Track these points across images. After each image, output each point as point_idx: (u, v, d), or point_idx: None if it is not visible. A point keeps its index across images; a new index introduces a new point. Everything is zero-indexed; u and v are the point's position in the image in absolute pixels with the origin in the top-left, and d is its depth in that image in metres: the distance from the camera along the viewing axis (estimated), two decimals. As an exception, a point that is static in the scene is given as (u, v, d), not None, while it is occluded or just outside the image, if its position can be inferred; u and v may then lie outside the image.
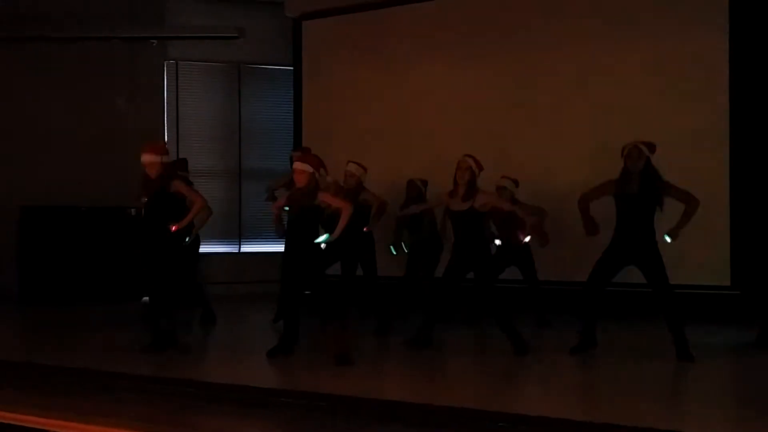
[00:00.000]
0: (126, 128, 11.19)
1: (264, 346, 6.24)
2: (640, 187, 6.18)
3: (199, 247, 8.51)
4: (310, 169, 6.15)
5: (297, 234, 6.22)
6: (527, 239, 7.85)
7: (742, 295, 8.12)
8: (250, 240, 11.71)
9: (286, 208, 6.45)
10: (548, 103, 9.17)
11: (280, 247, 11.19)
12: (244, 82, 11.76)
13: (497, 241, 7.86)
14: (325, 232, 6.25)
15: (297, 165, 6.24)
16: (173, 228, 6.47)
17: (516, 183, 8.09)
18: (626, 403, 4.69)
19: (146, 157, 6.53)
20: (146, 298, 6.87)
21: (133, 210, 10.78)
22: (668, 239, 6.17)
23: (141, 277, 6.84)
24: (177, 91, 11.56)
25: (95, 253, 10.38)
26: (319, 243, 6.16)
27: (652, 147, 6.32)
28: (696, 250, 8.38)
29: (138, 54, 11.25)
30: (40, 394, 5.05)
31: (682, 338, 5.93)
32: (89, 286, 10.25)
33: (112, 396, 5.06)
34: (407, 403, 4.52)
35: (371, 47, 10.33)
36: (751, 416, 4.41)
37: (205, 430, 4.09)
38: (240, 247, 11.69)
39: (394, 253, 8.02)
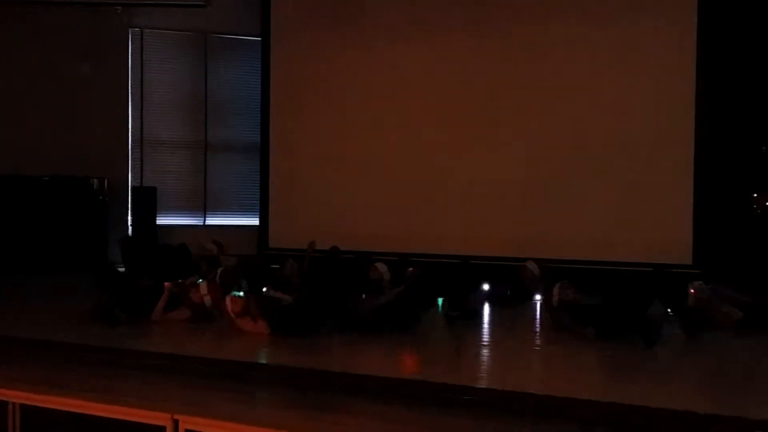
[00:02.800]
0: (89, 97, 10.99)
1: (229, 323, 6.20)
2: None
3: None
4: None
5: None
6: None
7: (704, 275, 8.23)
8: (215, 213, 11.61)
9: None
10: (528, 78, 9.12)
11: (244, 220, 11.30)
12: (210, 51, 11.57)
13: None
14: None
15: None
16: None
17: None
18: (588, 378, 4.77)
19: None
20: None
21: (95, 180, 10.63)
22: None
23: None
24: (142, 60, 11.35)
25: (56, 222, 10.22)
26: None
27: None
28: (658, 229, 8.50)
29: (102, 21, 11.01)
30: (3, 365, 4.96)
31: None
32: (50, 256, 10.09)
33: (79, 367, 5.00)
34: (379, 377, 4.52)
35: (341, 18, 10.20)
36: (702, 392, 4.51)
37: (181, 402, 4.06)
38: (205, 220, 11.58)
39: None
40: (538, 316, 7.12)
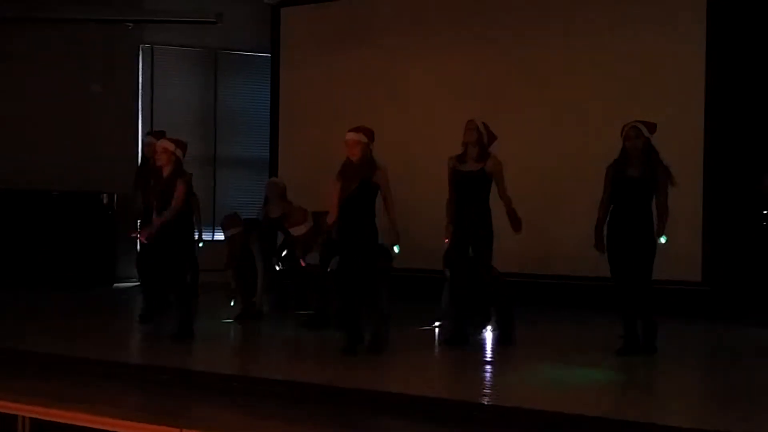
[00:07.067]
0: (100, 113, 11.07)
1: (239, 335, 6.22)
2: (640, 170, 5.92)
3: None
4: (365, 140, 5.94)
5: (356, 212, 5.91)
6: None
7: (713, 292, 8.20)
8: (225, 228, 11.61)
9: None
10: (534, 88, 9.12)
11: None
12: (220, 68, 11.64)
13: None
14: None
15: (350, 136, 5.97)
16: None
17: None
18: (600, 395, 4.76)
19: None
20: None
21: (105, 196, 10.66)
22: (663, 240, 5.92)
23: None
24: (152, 77, 11.43)
25: (66, 238, 10.26)
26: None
27: (651, 127, 6.00)
28: (668, 245, 8.45)
29: (113, 38, 11.10)
30: (13, 379, 4.99)
31: (652, 330, 5.92)
32: (60, 272, 10.13)
33: (87, 381, 5.02)
34: (383, 392, 4.54)
35: (351, 35, 10.25)
36: (713, 409, 4.49)
37: (190, 418, 4.07)
38: (214, 235, 11.59)
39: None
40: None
